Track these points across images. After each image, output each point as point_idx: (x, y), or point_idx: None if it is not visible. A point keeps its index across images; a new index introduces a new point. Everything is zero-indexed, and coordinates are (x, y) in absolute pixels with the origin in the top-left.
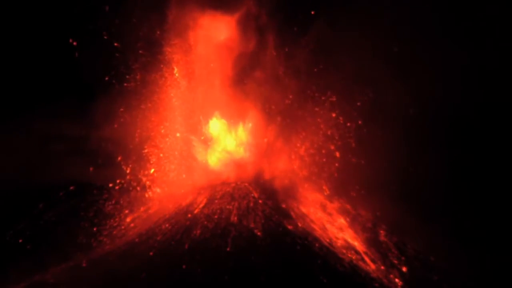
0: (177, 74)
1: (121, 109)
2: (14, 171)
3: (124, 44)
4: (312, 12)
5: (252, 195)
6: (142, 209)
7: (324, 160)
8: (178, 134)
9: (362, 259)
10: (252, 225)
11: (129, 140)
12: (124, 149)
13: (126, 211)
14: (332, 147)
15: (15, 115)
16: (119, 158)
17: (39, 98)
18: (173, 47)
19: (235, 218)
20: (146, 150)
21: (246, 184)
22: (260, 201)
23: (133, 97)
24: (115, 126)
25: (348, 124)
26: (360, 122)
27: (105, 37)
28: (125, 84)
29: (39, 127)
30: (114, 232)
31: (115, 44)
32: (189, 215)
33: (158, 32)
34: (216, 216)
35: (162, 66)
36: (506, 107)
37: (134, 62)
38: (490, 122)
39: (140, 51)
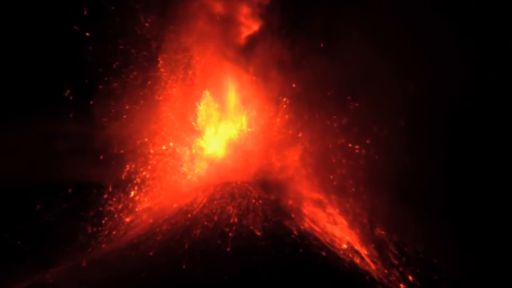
0: (162, 69)
1: (112, 110)
2: (14, 171)
3: (99, 37)
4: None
5: (253, 195)
6: (141, 209)
7: (327, 160)
8: (163, 147)
9: (362, 259)
10: (252, 225)
11: (129, 140)
12: (124, 149)
13: (126, 211)
14: (336, 149)
15: (16, 115)
16: (119, 158)
17: (40, 97)
18: (164, 42)
19: (235, 218)
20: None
21: (246, 184)
22: (260, 201)
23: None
24: (115, 125)
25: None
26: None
27: (75, 28)
28: (100, 86)
29: (39, 127)
30: (114, 232)
31: (87, 34)
32: (189, 215)
33: (147, 24)
34: (216, 217)
35: (146, 64)
36: (508, 107)
37: (114, 60)
38: (491, 122)
39: (121, 47)
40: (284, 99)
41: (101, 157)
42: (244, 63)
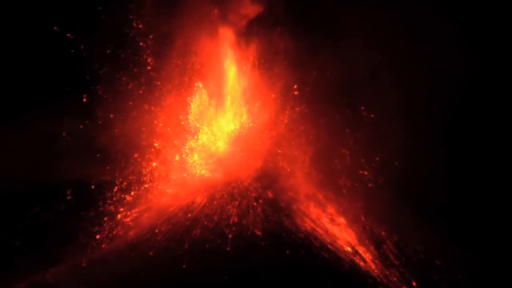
0: (153, 74)
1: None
2: (14, 171)
3: (84, 40)
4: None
5: (253, 195)
6: (142, 209)
7: (327, 161)
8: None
9: (362, 259)
10: (252, 225)
11: (129, 141)
12: (125, 149)
13: (126, 211)
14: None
15: (15, 115)
16: (120, 158)
17: (39, 97)
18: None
19: (235, 218)
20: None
21: (246, 184)
22: (260, 201)
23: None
24: (116, 125)
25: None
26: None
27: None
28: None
29: (39, 127)
30: (114, 232)
31: (68, 34)
32: (189, 215)
33: (140, 26)
34: (216, 216)
35: (137, 70)
36: (508, 107)
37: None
38: (492, 122)
39: (109, 51)
40: (295, 86)
41: (102, 157)
42: (244, 47)
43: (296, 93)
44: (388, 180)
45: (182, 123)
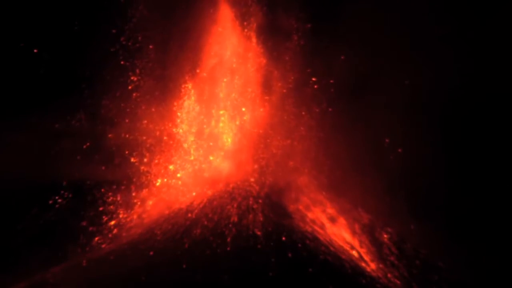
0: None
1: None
2: (14, 170)
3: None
4: None
5: (253, 195)
6: (142, 209)
7: (327, 163)
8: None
9: (362, 259)
10: (252, 225)
11: (129, 141)
12: (126, 149)
13: (126, 211)
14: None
15: (18, 114)
16: (120, 158)
17: (42, 96)
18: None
19: (235, 218)
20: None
21: (246, 184)
22: (260, 201)
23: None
24: (118, 125)
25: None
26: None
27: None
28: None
29: (39, 127)
30: (114, 232)
31: (34, 49)
32: (189, 215)
33: (130, 43)
34: (216, 216)
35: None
36: (507, 105)
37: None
38: (491, 120)
39: (87, 73)
40: (313, 79)
41: (102, 157)
42: (246, 27)
43: (315, 87)
44: (389, 180)
45: (165, 137)
